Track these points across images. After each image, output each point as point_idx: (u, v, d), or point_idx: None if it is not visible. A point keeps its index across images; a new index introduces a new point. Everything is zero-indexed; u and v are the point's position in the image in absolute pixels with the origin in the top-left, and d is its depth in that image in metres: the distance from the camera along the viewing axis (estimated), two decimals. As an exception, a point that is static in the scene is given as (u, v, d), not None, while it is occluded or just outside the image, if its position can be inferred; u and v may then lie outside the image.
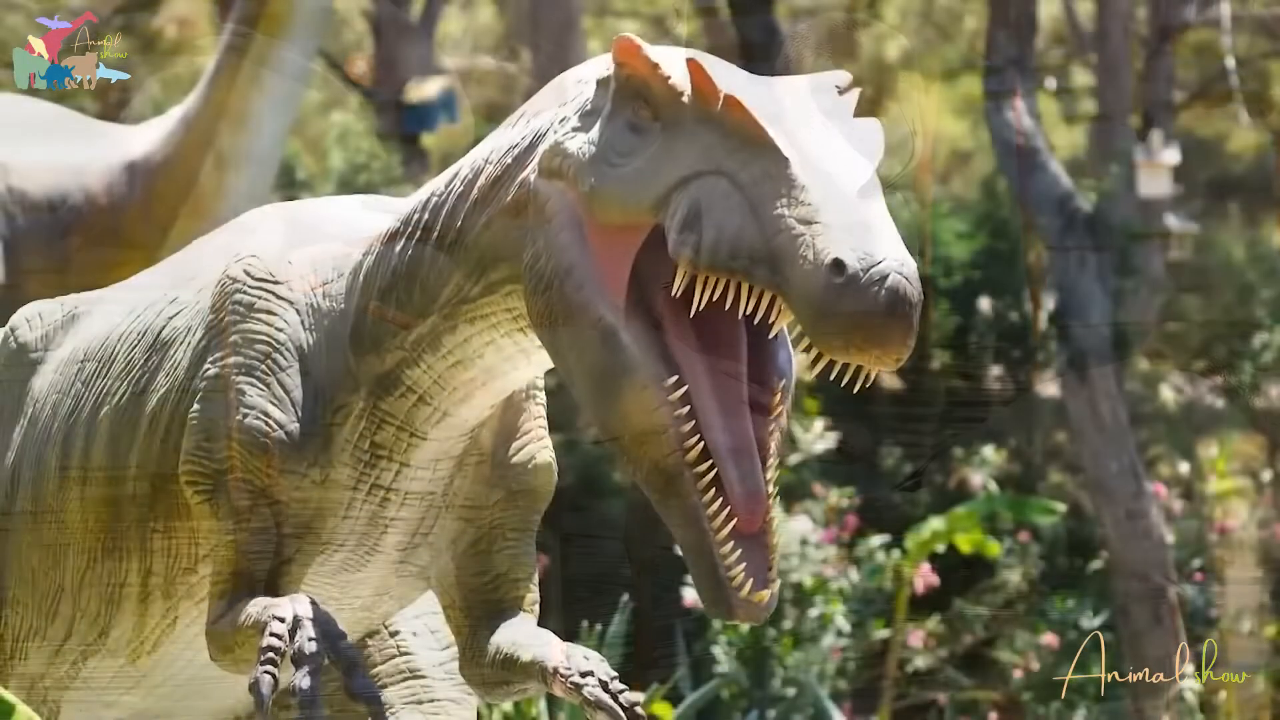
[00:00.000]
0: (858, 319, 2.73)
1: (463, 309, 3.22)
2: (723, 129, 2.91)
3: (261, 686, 3.04)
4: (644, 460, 2.96)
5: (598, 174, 3.01)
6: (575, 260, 3.01)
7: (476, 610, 3.50)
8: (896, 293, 2.74)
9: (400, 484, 3.38)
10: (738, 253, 2.82)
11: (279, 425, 3.32)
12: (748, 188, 2.85)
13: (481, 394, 3.31)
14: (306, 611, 3.10)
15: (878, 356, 2.77)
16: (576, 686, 3.27)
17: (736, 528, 2.93)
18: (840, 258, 2.74)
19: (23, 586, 3.74)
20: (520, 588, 3.51)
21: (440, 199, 3.27)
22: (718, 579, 2.92)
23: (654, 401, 2.94)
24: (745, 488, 2.96)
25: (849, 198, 2.82)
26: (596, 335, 2.98)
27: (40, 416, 3.75)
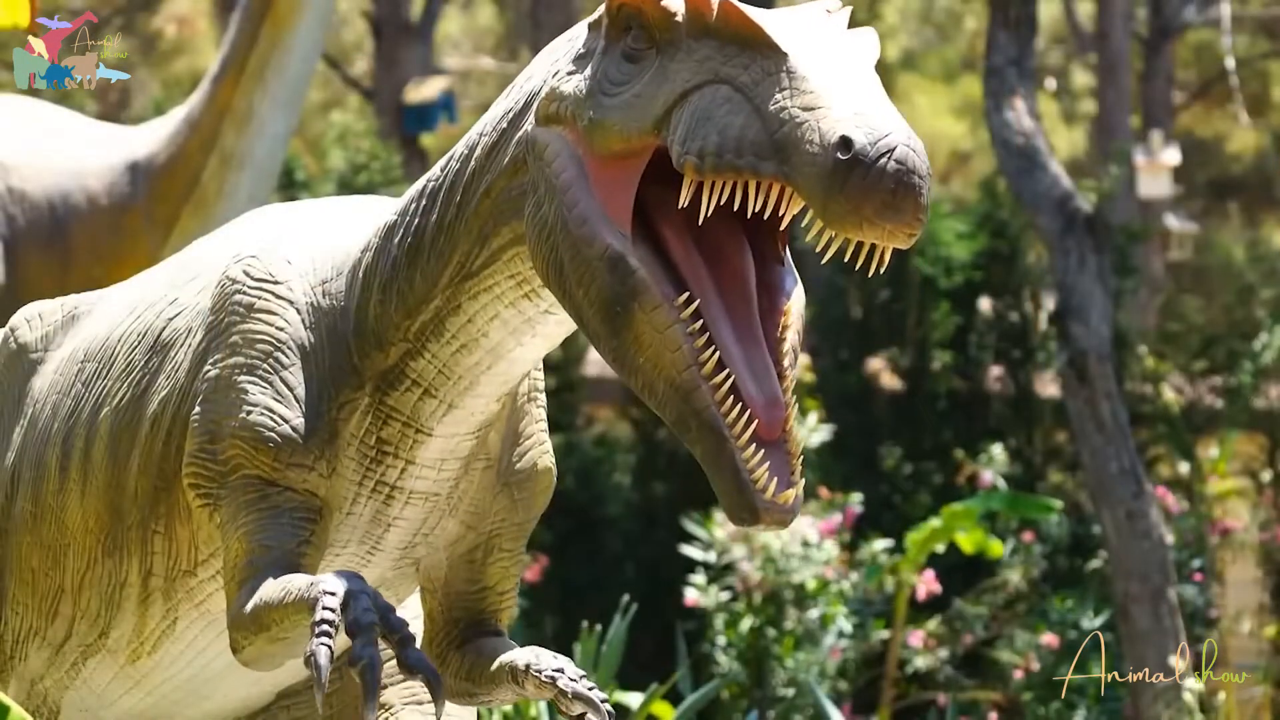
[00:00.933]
0: (868, 192, 2.73)
1: (466, 285, 3.22)
2: (719, 39, 2.93)
3: (319, 657, 3.02)
4: (659, 380, 2.95)
5: (595, 106, 3.02)
6: (578, 195, 3.01)
7: (455, 611, 3.52)
8: (905, 163, 2.75)
9: (405, 482, 3.38)
10: (743, 150, 2.83)
11: (284, 420, 3.32)
12: (749, 88, 2.86)
13: (486, 380, 3.30)
14: (357, 585, 3.10)
15: (890, 231, 2.76)
16: (552, 680, 3.28)
17: (757, 433, 2.93)
18: (847, 134, 2.75)
19: (23, 587, 3.74)
20: (504, 601, 3.54)
21: (437, 183, 3.28)
22: (741, 483, 2.90)
23: (666, 320, 2.94)
24: (764, 395, 2.95)
25: (850, 84, 2.84)
26: (604, 264, 2.97)
27: (40, 417, 3.75)
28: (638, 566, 12.68)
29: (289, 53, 7.85)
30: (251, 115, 7.90)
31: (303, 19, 7.83)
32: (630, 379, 3.00)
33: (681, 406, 2.94)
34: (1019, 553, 11.44)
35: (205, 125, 7.95)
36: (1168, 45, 24.11)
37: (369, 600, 3.08)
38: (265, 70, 7.86)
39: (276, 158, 8.09)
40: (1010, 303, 13.31)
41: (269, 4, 7.85)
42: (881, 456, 12.85)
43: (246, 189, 7.99)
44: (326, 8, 8.00)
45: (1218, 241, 23.05)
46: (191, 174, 7.97)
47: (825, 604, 10.05)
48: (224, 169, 7.95)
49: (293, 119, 8.07)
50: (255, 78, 7.87)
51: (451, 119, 20.11)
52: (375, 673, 3.01)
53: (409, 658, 3.08)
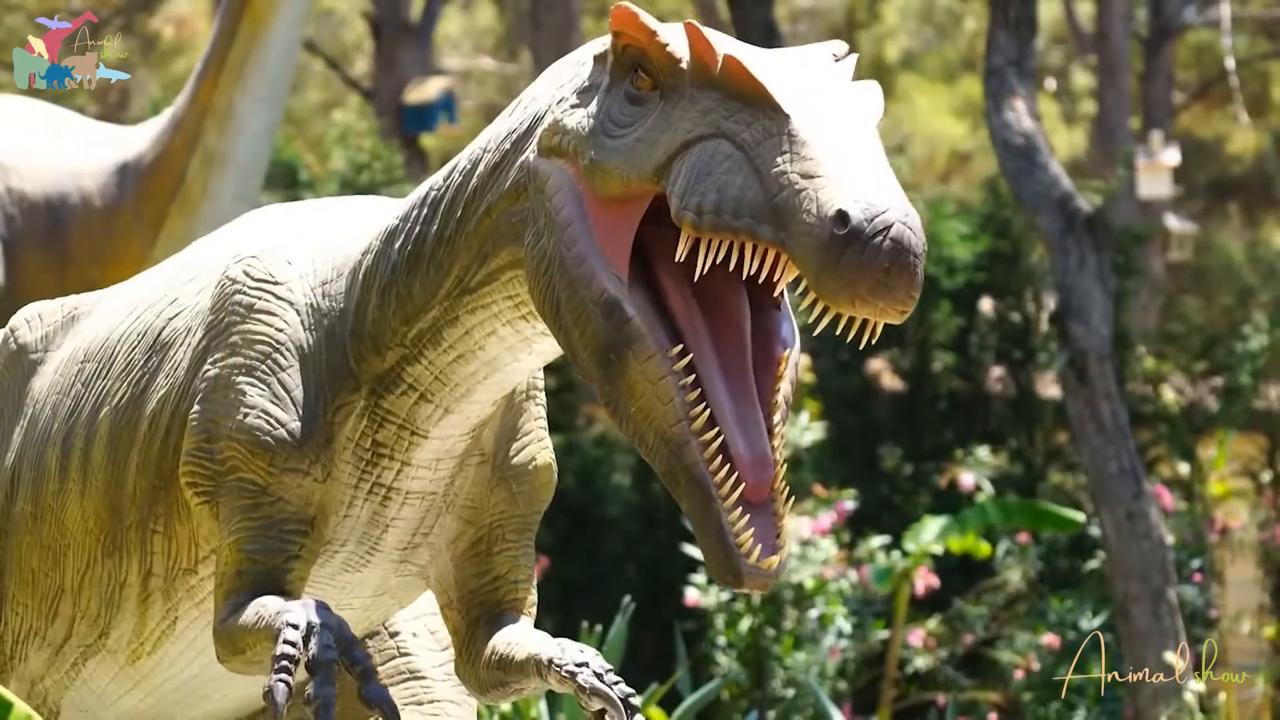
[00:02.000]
0: (862, 270, 2.72)
1: (464, 300, 3.22)
2: (722, 92, 2.91)
3: (276, 695, 3.04)
4: (650, 430, 2.95)
5: (597, 146, 3.01)
6: (577, 234, 3.00)
7: (474, 611, 3.50)
8: (900, 243, 2.73)
9: (401, 483, 3.38)
10: (740, 211, 2.82)
11: (280, 424, 3.31)
12: (749, 147, 2.85)
13: (483, 389, 3.31)
14: (321, 618, 3.10)
15: (882, 308, 2.75)
16: (571, 675, 3.27)
17: (744, 495, 2.93)
18: (844, 209, 2.73)
19: (23, 587, 3.74)
20: (519, 589, 3.51)
21: (439, 193, 3.27)
22: (726, 546, 2.91)
23: (659, 371, 2.94)
24: (752, 454, 2.95)
25: (850, 152, 2.82)
26: (600, 308, 2.97)
27: (40, 417, 3.75)
28: (638, 566, 12.67)
29: (268, 49, 7.83)
30: (232, 113, 7.88)
31: (280, 14, 7.81)
32: (621, 424, 2.99)
33: (671, 460, 2.94)
34: (1014, 554, 11.44)
35: (188, 124, 7.94)
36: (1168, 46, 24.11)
37: (330, 634, 3.09)
38: (244, 67, 7.85)
39: (260, 155, 8.07)
40: (1012, 303, 13.31)
41: (245, 1, 7.84)
42: (882, 457, 12.85)
43: (231, 187, 7.97)
44: (304, 3, 7.98)
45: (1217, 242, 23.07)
46: (176, 173, 7.96)
47: (824, 604, 10.05)
48: (207, 168, 7.93)
49: (275, 115, 8.04)
50: (234, 75, 7.86)
51: (451, 119, 20.10)
52: (328, 713, 3.02)
53: (368, 692, 3.09)
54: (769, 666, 9.90)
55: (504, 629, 3.46)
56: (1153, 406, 12.68)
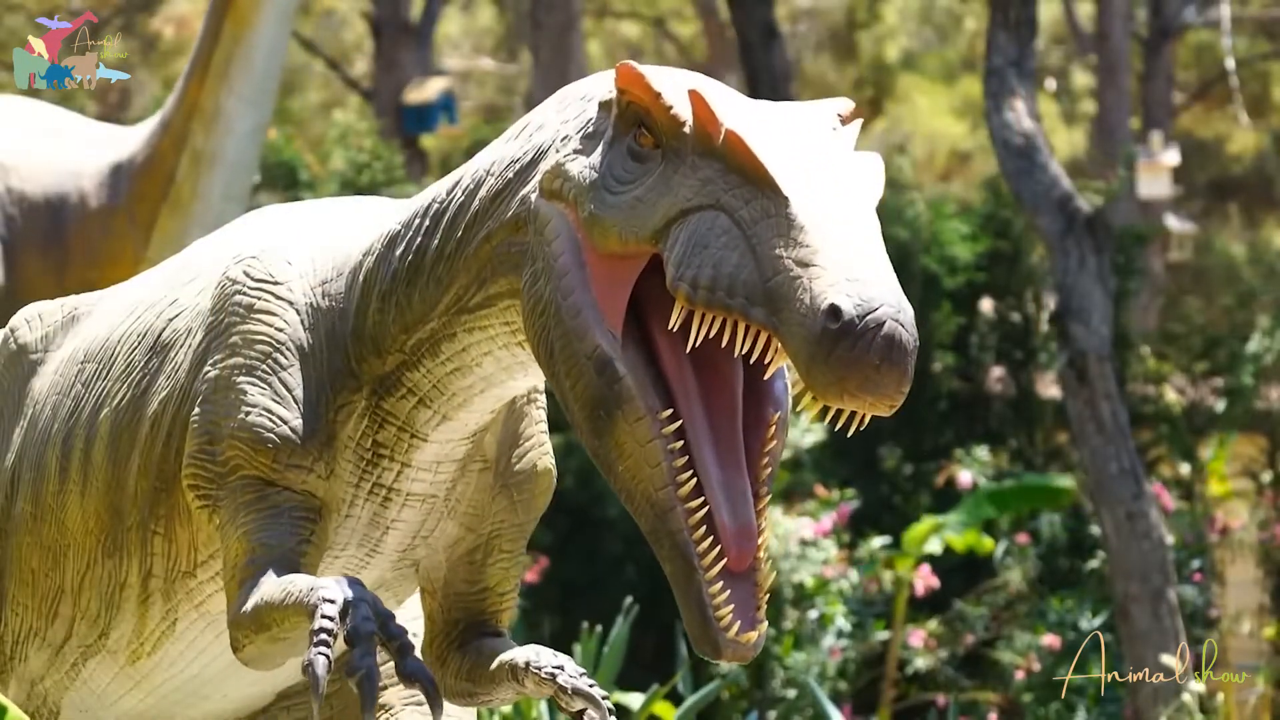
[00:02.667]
0: (852, 366, 2.72)
1: (461, 319, 3.22)
2: (723, 163, 2.90)
3: (316, 667, 3.02)
4: (636, 491, 2.95)
5: (597, 200, 3.00)
6: (573, 284, 3.00)
7: (455, 612, 3.52)
8: (892, 340, 2.73)
9: (402, 484, 3.38)
10: (734, 291, 2.82)
11: (282, 421, 3.32)
12: (747, 225, 2.84)
13: (481, 400, 3.31)
14: (357, 592, 3.09)
15: (871, 402, 2.76)
16: (551, 676, 3.28)
17: (726, 566, 2.93)
18: (836, 304, 2.73)
19: (23, 588, 3.74)
20: (504, 602, 3.54)
21: (441, 206, 3.26)
22: (705, 617, 2.91)
23: (648, 434, 2.94)
24: (737, 524, 2.95)
25: (847, 240, 2.80)
26: (592, 364, 2.97)
27: (40, 418, 3.75)
28: (638, 567, 12.67)
29: (253, 49, 7.84)
30: (219, 113, 7.89)
31: (263, 15, 7.81)
32: (609, 479, 3.00)
33: (655, 523, 2.94)
34: (1014, 554, 11.44)
35: (176, 125, 7.95)
36: (1168, 46, 24.12)
37: (368, 608, 3.07)
38: (229, 68, 7.85)
39: (249, 155, 8.07)
40: (1012, 304, 13.31)
41: (229, 1, 7.84)
42: (882, 457, 12.85)
43: (220, 187, 7.97)
44: (289, 3, 7.98)
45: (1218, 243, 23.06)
46: (166, 174, 7.97)
47: (824, 604, 10.05)
48: (196, 168, 7.94)
49: (262, 115, 8.04)
50: (220, 76, 7.86)
51: (451, 120, 20.11)
52: (372, 683, 3.01)
53: (408, 666, 3.07)
54: (769, 667, 9.90)
55: (478, 644, 3.48)
56: (1153, 407, 12.68)
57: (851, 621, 10.27)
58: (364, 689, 3.00)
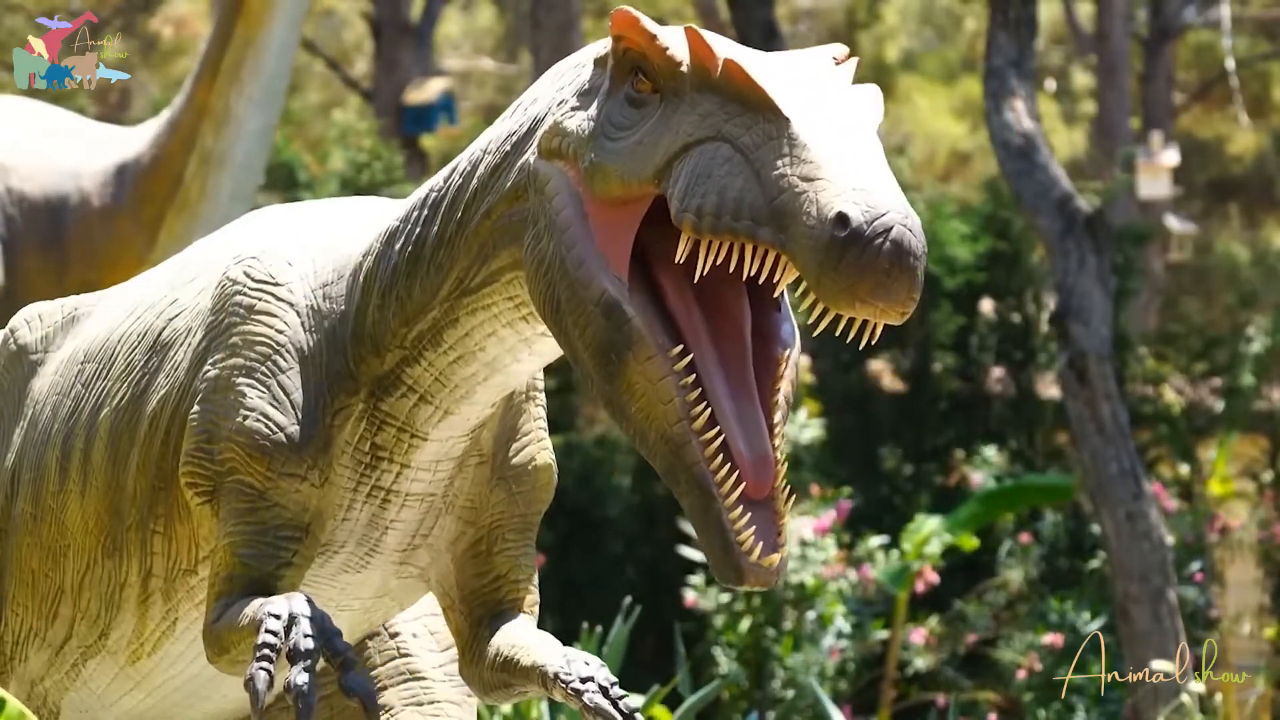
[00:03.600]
0: (863, 272, 2.73)
1: (464, 301, 3.22)
2: (722, 95, 2.92)
3: (257, 682, 3.04)
4: (651, 430, 2.96)
5: (597, 149, 3.01)
6: (577, 236, 3.01)
7: (476, 611, 3.50)
8: (901, 244, 2.74)
9: (401, 485, 3.38)
10: (741, 213, 2.83)
11: (279, 427, 3.31)
12: (749, 150, 2.86)
13: (483, 390, 3.31)
14: (302, 609, 3.10)
15: (882, 309, 2.76)
16: (577, 693, 3.27)
17: (745, 493, 2.93)
18: (844, 211, 2.74)
19: (23, 588, 3.74)
20: (520, 589, 3.51)
21: (439, 194, 3.27)
22: (727, 544, 2.91)
23: (659, 371, 2.94)
24: (753, 453, 2.96)
25: (850, 155, 2.82)
26: (600, 309, 2.97)
27: (40, 418, 3.75)
28: (638, 567, 12.68)
29: (263, 50, 7.85)
30: (229, 114, 7.90)
31: (275, 16, 7.83)
32: (622, 425, 3.00)
33: (671, 459, 2.94)
34: (1015, 554, 11.44)
35: (185, 126, 7.96)
36: (1168, 46, 24.12)
37: (312, 624, 3.09)
38: (240, 69, 7.86)
39: (257, 156, 8.08)
40: (1012, 304, 13.31)
41: (241, 3, 7.85)
42: (882, 457, 12.85)
43: (228, 188, 7.99)
44: (300, 5, 7.99)
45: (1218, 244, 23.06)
46: (174, 175, 7.98)
47: (824, 604, 10.05)
48: (204, 169, 7.95)
49: (271, 117, 8.06)
50: (230, 77, 7.88)
51: (451, 120, 20.11)
52: (307, 700, 3.02)
53: (348, 681, 3.08)
54: (769, 667, 9.90)
55: (507, 630, 3.46)
56: (1153, 407, 12.68)
57: (851, 622, 10.27)
58: (299, 705, 3.02)
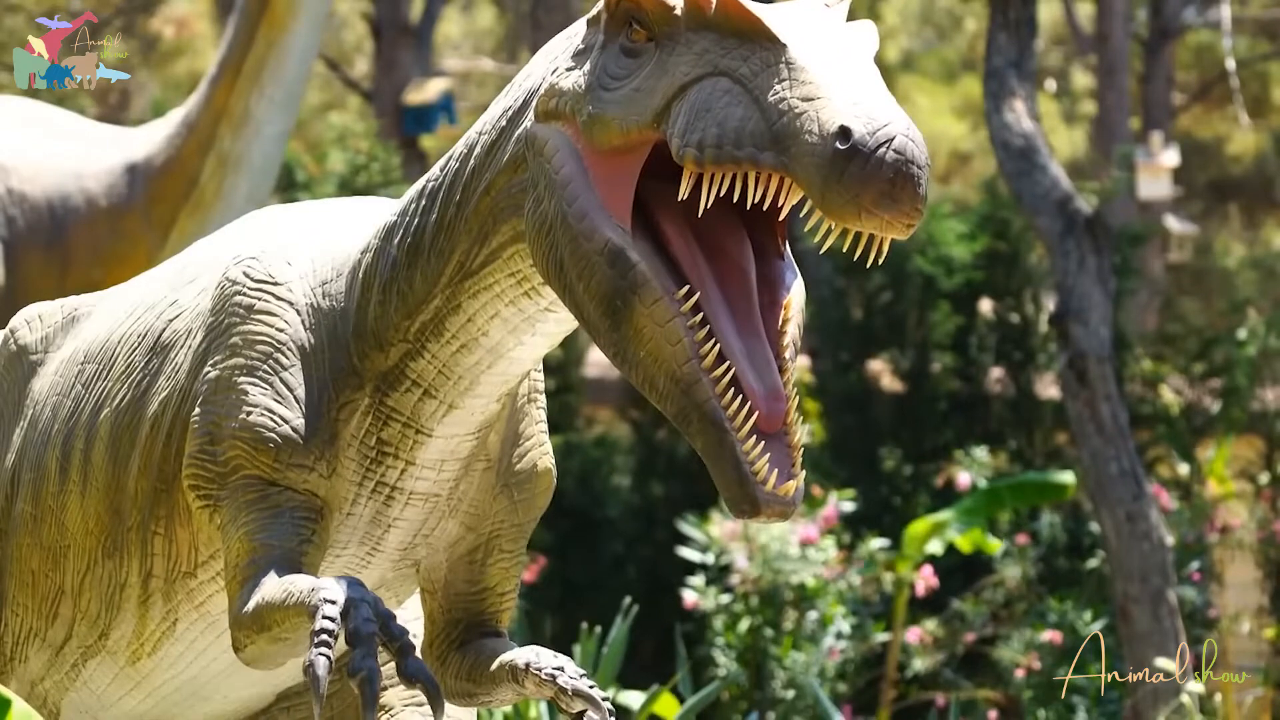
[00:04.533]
0: (867, 182, 2.74)
1: (466, 284, 3.22)
2: (718, 31, 2.93)
3: (318, 668, 3.02)
4: (660, 374, 2.96)
5: (594, 100, 3.03)
6: (577, 191, 3.02)
7: (455, 612, 3.52)
8: (903, 154, 2.76)
9: (405, 483, 3.38)
10: (742, 141, 2.84)
11: (284, 420, 3.32)
12: (748, 79, 2.87)
13: (486, 380, 3.31)
14: (358, 593, 3.10)
15: (888, 220, 2.77)
16: (551, 678, 3.28)
17: (758, 426, 2.93)
18: (846, 124, 2.76)
19: (23, 589, 3.74)
20: (504, 602, 3.54)
21: (436, 183, 3.28)
22: (742, 475, 2.91)
23: (666, 313, 2.95)
24: (764, 387, 2.96)
25: (849, 74, 2.85)
26: (604, 258, 2.98)
27: (40, 418, 3.75)
28: (638, 567, 12.68)
29: (285, 55, 7.86)
30: (248, 117, 7.91)
31: (299, 21, 7.84)
32: (631, 373, 3.00)
33: (682, 400, 2.94)
34: (1014, 554, 11.43)
35: (202, 127, 7.96)
36: (1168, 47, 24.11)
37: (369, 609, 3.07)
38: (261, 73, 7.88)
39: (274, 159, 8.10)
40: (1011, 304, 13.31)
41: (265, 6, 7.86)
42: (882, 458, 12.85)
43: (244, 190, 8.00)
44: (322, 10, 8.00)
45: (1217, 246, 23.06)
46: (189, 176, 7.99)
47: (824, 604, 10.05)
48: (221, 171, 7.96)
49: (289, 120, 8.07)
50: (251, 80, 7.88)
51: (451, 120, 20.11)
52: (374, 684, 3.01)
53: (409, 667, 3.07)
54: (769, 668, 9.90)
55: (478, 644, 3.49)
56: (1151, 407, 12.68)
57: (851, 622, 10.27)
58: (365, 690, 3.00)
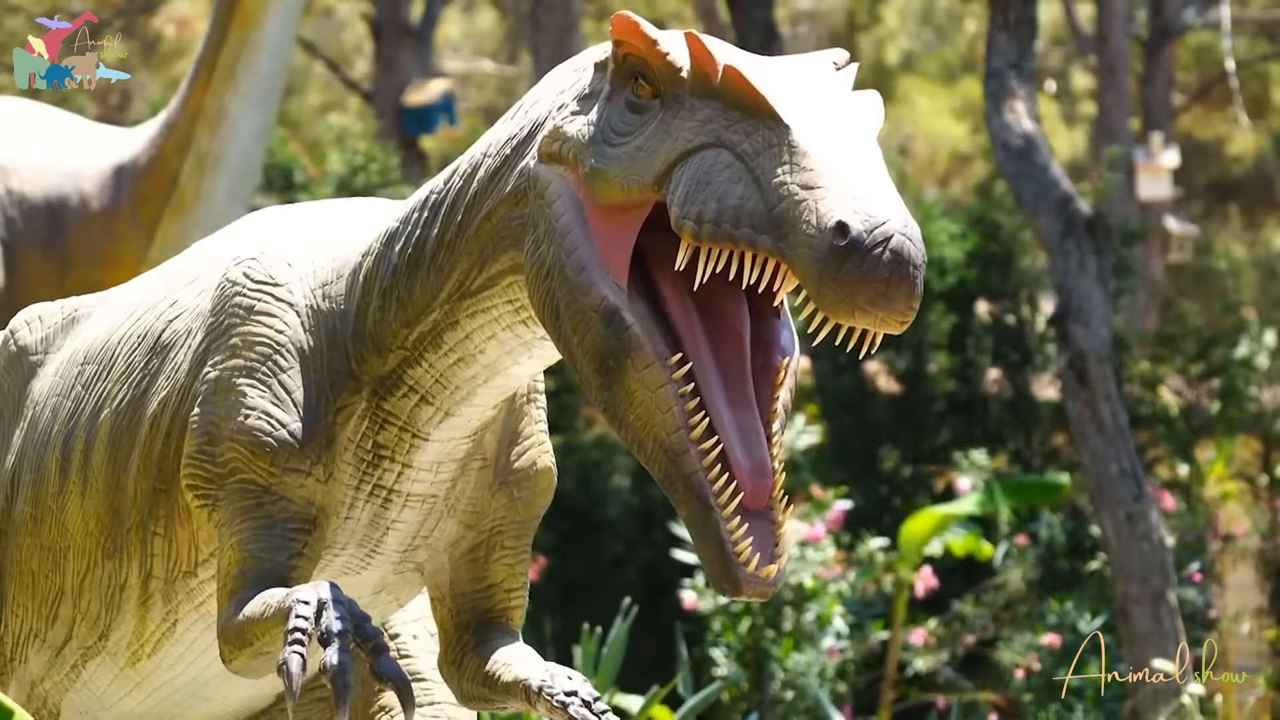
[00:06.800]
0: (862, 281, 2.73)
1: (464, 304, 3.22)
2: (722, 101, 2.92)
3: (290, 666, 3.03)
4: (649, 438, 2.96)
5: (597, 154, 3.01)
6: (577, 242, 3.01)
7: (465, 614, 3.51)
8: (900, 254, 2.74)
9: (402, 485, 3.38)
10: (740, 221, 2.83)
11: (281, 424, 3.32)
12: (749, 157, 2.86)
13: (483, 392, 3.31)
14: (330, 594, 3.10)
15: (882, 318, 2.77)
16: (563, 705, 3.28)
17: (743, 503, 2.94)
18: (844, 220, 2.75)
19: (23, 589, 3.74)
20: (512, 598, 3.53)
21: (439, 196, 3.27)
22: (724, 554, 2.91)
23: (658, 379, 2.95)
24: (751, 462, 2.96)
25: (850, 163, 2.82)
26: (599, 316, 2.98)
27: (40, 419, 3.75)
28: (637, 568, 12.68)
29: (258, 51, 7.85)
30: (224, 115, 7.90)
31: (270, 17, 7.82)
32: (620, 432, 3.00)
33: (669, 468, 2.95)
34: (1014, 555, 11.43)
35: (180, 127, 7.96)
36: (1167, 47, 24.11)
37: (342, 609, 3.08)
38: (235, 70, 7.86)
39: (253, 157, 8.07)
40: (1007, 305, 13.31)
41: (235, 3, 7.85)
42: (880, 459, 12.85)
43: (224, 189, 7.98)
44: (295, 4, 7.98)
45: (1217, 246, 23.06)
46: (170, 176, 7.98)
47: (823, 605, 10.05)
48: (200, 170, 7.95)
49: (267, 117, 8.05)
50: (225, 78, 7.87)
51: (451, 121, 20.12)
52: (345, 679, 3.01)
53: (380, 665, 3.08)
54: (768, 669, 9.90)
55: (492, 645, 3.47)
56: (1150, 408, 12.68)
57: (850, 623, 10.27)
58: (336, 684, 3.01)
